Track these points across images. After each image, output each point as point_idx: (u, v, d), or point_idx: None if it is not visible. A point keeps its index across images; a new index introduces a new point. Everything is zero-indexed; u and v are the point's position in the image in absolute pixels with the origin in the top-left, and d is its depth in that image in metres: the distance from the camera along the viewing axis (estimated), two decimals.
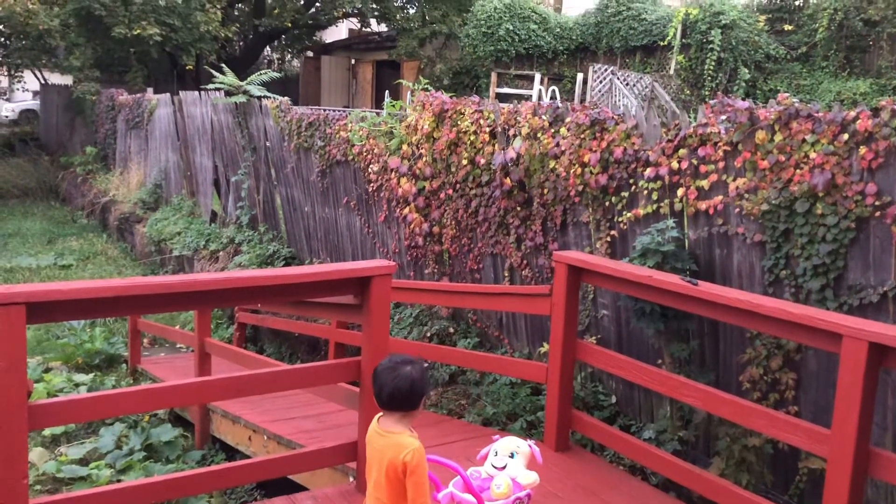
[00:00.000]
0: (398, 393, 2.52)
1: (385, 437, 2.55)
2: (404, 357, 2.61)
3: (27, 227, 16.35)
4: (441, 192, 6.36)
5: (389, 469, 2.50)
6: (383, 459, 2.52)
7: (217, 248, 10.65)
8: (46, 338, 9.31)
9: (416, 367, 2.57)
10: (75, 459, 6.11)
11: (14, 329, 2.84)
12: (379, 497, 2.55)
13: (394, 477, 2.50)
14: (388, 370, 2.55)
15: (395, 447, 2.50)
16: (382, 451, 2.53)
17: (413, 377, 2.53)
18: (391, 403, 2.54)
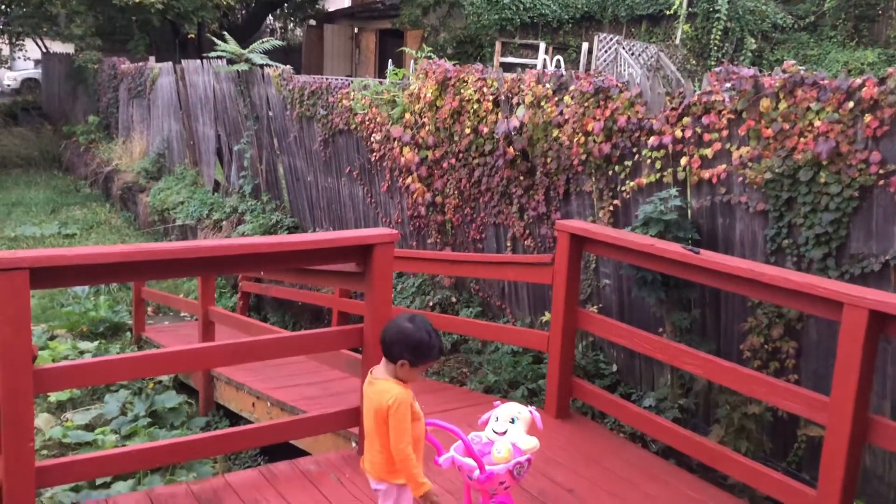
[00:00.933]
0: (384, 339, 2.67)
1: (373, 384, 2.69)
2: (415, 316, 2.73)
3: (31, 196, 16.34)
4: (444, 161, 6.35)
5: (377, 415, 2.62)
6: (370, 406, 2.66)
7: (220, 217, 10.65)
8: (51, 306, 9.36)
9: (415, 323, 2.67)
10: (81, 425, 6.18)
11: (18, 294, 2.86)
12: (371, 443, 2.68)
13: (381, 422, 2.61)
14: (397, 320, 2.70)
15: (380, 394, 2.63)
16: (370, 397, 2.68)
17: (404, 328, 2.64)
18: (382, 349, 2.68)
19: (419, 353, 2.66)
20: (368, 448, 2.72)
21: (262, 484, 3.47)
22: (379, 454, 2.66)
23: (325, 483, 3.49)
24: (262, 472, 3.58)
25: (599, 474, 3.71)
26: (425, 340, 2.67)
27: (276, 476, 3.54)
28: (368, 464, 2.74)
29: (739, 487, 3.81)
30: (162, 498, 3.30)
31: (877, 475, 3.74)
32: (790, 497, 3.25)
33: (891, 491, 3.70)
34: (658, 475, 3.74)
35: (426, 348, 2.67)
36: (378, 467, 2.68)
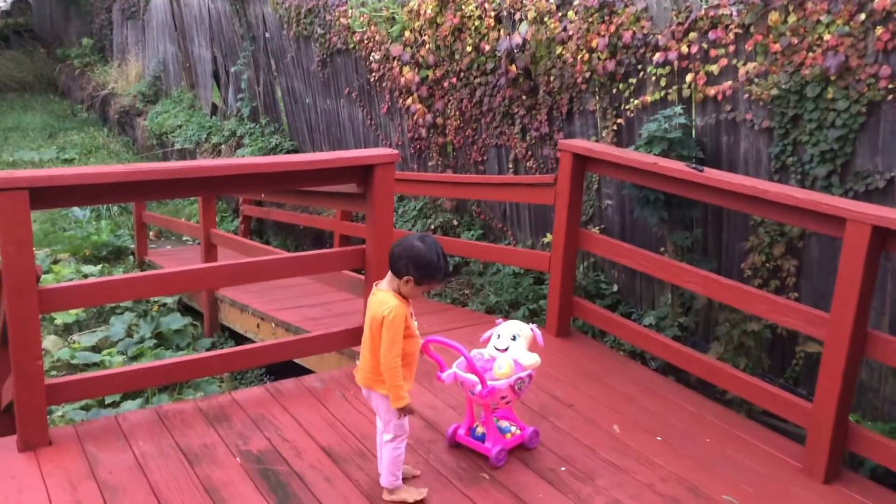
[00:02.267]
0: (393, 253, 2.71)
1: (375, 294, 2.75)
2: (426, 236, 2.76)
3: (27, 121, 16.16)
4: (445, 80, 6.24)
5: (373, 323, 2.69)
6: (369, 314, 2.73)
7: (219, 141, 10.55)
8: (53, 230, 9.38)
9: (425, 242, 2.70)
10: (88, 347, 6.27)
11: (19, 214, 2.86)
12: (364, 351, 2.76)
13: (376, 331, 2.68)
14: (403, 238, 2.74)
15: (379, 304, 2.69)
16: (370, 306, 2.74)
17: (414, 246, 2.68)
18: (389, 262, 2.72)
19: (425, 272, 2.68)
20: (361, 356, 2.80)
21: (269, 400, 3.53)
22: (368, 362, 2.74)
23: (330, 399, 3.56)
24: (268, 390, 3.65)
25: (599, 390, 3.78)
26: (433, 261, 2.69)
27: (282, 393, 3.60)
28: (360, 371, 2.80)
29: (737, 402, 3.88)
30: (171, 414, 3.36)
31: (872, 389, 3.81)
32: (787, 410, 3.31)
33: (885, 404, 3.76)
34: (656, 390, 3.81)
35: (433, 269, 2.69)
36: (366, 374, 2.76)
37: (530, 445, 3.21)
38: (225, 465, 3.00)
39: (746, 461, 3.20)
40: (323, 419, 3.38)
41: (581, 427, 3.41)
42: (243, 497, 2.80)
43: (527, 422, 3.30)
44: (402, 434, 2.78)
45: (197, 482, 2.87)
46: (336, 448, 3.15)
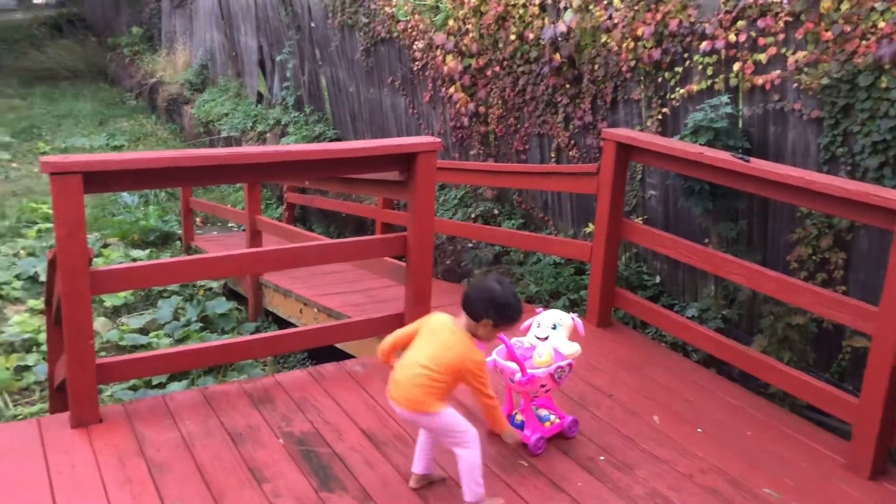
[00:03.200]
0: (470, 296, 2.69)
1: (454, 333, 2.67)
2: (503, 279, 2.76)
3: (79, 108, 16.54)
4: (488, 69, 6.23)
5: (451, 366, 2.62)
6: (441, 347, 2.64)
7: (264, 129, 10.68)
8: (103, 215, 9.61)
9: (502, 285, 2.69)
10: (136, 329, 6.44)
11: (72, 197, 2.94)
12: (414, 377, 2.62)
13: (451, 370, 2.62)
14: (484, 279, 2.74)
15: (460, 345, 2.64)
16: (441, 337, 2.67)
17: (492, 289, 2.67)
18: (464, 305, 2.69)
19: (503, 315, 2.69)
20: (406, 377, 2.63)
21: (311, 383, 3.59)
22: (418, 389, 2.60)
23: (371, 384, 3.60)
24: (310, 373, 3.71)
25: (639, 381, 3.76)
26: (512, 304, 2.70)
27: (323, 376, 3.66)
28: (401, 394, 2.64)
29: (780, 396, 3.83)
30: (216, 395, 3.44)
31: None
32: (832, 405, 3.26)
33: None
34: (698, 382, 3.78)
35: (511, 311, 2.71)
36: (413, 402, 2.62)
37: (569, 434, 3.21)
38: (268, 445, 3.06)
39: (789, 455, 3.16)
40: (364, 403, 3.43)
41: (621, 417, 3.40)
42: (286, 477, 2.86)
43: (566, 411, 3.30)
44: (474, 438, 2.67)
45: (241, 462, 2.94)
46: (376, 432, 3.19)
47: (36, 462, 2.88)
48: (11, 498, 2.68)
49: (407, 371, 2.64)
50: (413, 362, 2.64)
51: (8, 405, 5.37)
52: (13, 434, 3.09)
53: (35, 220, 9.35)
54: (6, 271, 7.63)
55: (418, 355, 2.65)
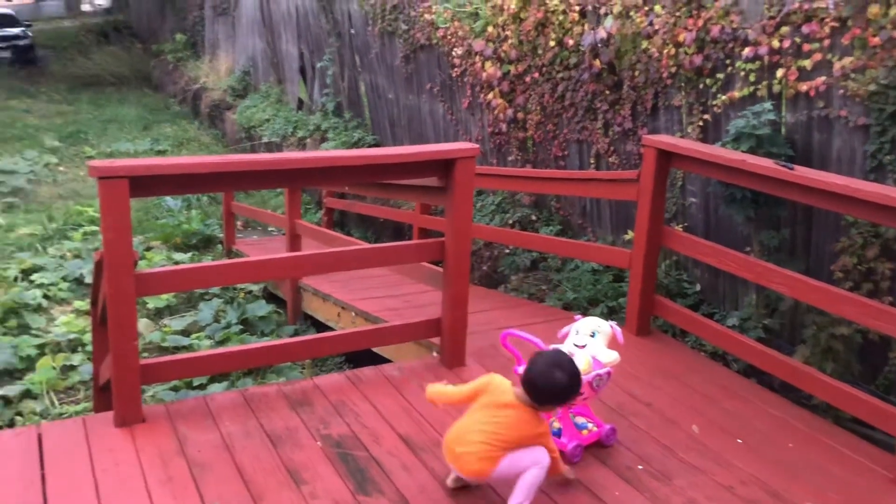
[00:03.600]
0: (536, 384, 2.65)
1: (518, 408, 2.67)
2: (562, 360, 2.70)
3: (124, 113, 16.91)
4: (527, 75, 6.23)
5: (519, 441, 2.65)
6: (511, 422, 2.65)
7: (304, 135, 10.81)
8: (146, 219, 9.80)
9: (564, 376, 2.66)
10: (178, 330, 6.55)
11: (119, 201, 3.01)
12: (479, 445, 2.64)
13: (508, 441, 2.64)
14: (548, 365, 2.67)
15: (528, 430, 2.67)
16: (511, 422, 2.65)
17: (557, 382, 2.65)
18: (528, 388, 2.67)
19: (570, 400, 2.76)
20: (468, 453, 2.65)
21: (348, 387, 3.62)
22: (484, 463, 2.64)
23: (407, 388, 3.61)
24: (348, 377, 3.73)
25: (678, 390, 3.72)
26: (576, 390, 2.72)
27: (361, 380, 3.68)
28: (464, 468, 2.69)
29: (823, 408, 3.75)
30: (255, 397, 3.48)
31: None
32: (879, 418, 3.19)
33: None
34: (738, 392, 3.72)
35: (574, 396, 2.76)
36: (478, 474, 2.67)
37: (607, 443, 3.19)
38: (306, 447, 3.09)
39: (832, 468, 3.10)
40: (401, 407, 3.44)
41: (659, 426, 3.37)
42: (323, 480, 2.88)
43: (604, 419, 3.28)
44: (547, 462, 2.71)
45: (280, 463, 2.98)
46: (413, 437, 3.20)
47: (82, 460, 2.95)
48: (59, 494, 2.74)
49: (468, 447, 2.66)
50: (475, 440, 2.65)
51: (54, 403, 5.50)
52: (60, 432, 3.16)
53: (81, 223, 9.57)
54: (53, 273, 7.82)
55: (479, 430, 2.66)
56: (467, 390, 2.80)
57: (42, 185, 11.89)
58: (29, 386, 5.58)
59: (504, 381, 2.75)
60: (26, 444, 3.04)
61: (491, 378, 2.78)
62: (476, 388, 2.77)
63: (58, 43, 25.75)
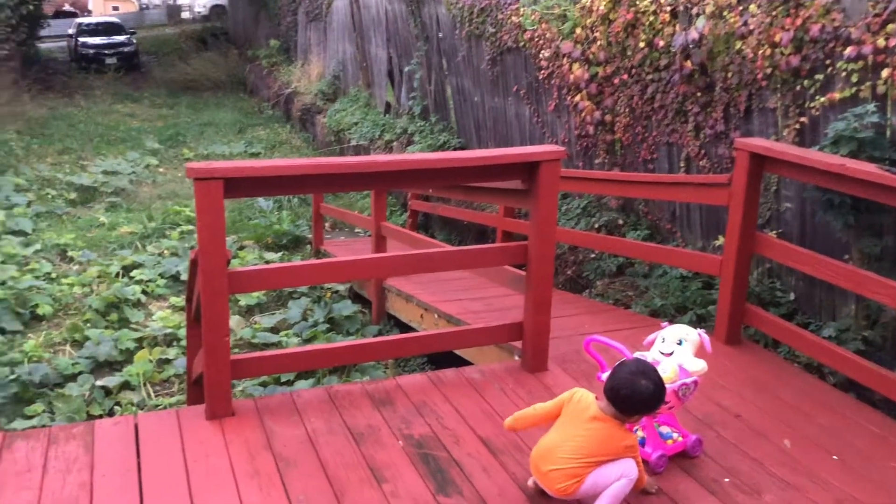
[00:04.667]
0: (620, 394, 2.61)
1: (604, 421, 2.63)
2: (645, 369, 2.66)
3: (220, 117, 17.55)
4: (615, 77, 6.13)
5: (608, 455, 2.62)
6: (597, 435, 2.62)
7: (391, 138, 10.96)
8: (240, 219, 10.14)
9: (648, 377, 2.62)
10: (267, 328, 6.75)
11: (214, 201, 3.12)
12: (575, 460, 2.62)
13: (596, 454, 2.61)
14: (632, 374, 2.63)
15: (617, 444, 2.63)
16: (600, 437, 2.62)
17: (642, 391, 2.60)
18: (612, 398, 2.63)
19: (655, 408, 2.71)
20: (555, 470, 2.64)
21: (430, 388, 3.64)
22: (571, 481, 2.62)
23: (488, 391, 3.62)
24: (430, 378, 3.76)
25: (770, 402, 3.59)
26: (661, 398, 2.67)
27: (442, 381, 3.71)
28: (551, 487, 2.67)
29: None
30: (340, 394, 3.55)
31: None
32: None
33: None
34: (835, 407, 3.56)
35: (660, 405, 2.70)
36: (566, 493, 2.65)
37: (693, 454, 3.11)
38: (388, 446, 3.13)
39: None
40: (481, 410, 3.45)
41: (748, 439, 3.26)
42: (404, 479, 2.91)
43: (690, 429, 3.19)
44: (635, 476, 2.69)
45: (362, 461, 3.02)
46: (493, 439, 3.20)
47: (174, 450, 3.07)
48: (153, 481, 2.87)
49: (555, 464, 2.64)
50: (562, 457, 2.63)
51: (150, 395, 5.75)
52: (156, 423, 3.30)
53: (178, 223, 9.98)
54: (152, 269, 8.19)
55: (565, 447, 2.64)
56: (549, 407, 2.78)
57: (143, 185, 12.47)
58: (127, 377, 5.86)
59: (587, 395, 2.72)
60: (124, 432, 3.19)
61: (573, 392, 2.74)
62: (558, 404, 2.75)
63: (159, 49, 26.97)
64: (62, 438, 3.14)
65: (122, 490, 2.81)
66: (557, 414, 2.74)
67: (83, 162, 13.49)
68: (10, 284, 7.41)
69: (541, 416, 2.80)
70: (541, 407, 2.81)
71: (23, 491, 2.79)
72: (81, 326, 6.76)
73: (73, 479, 2.87)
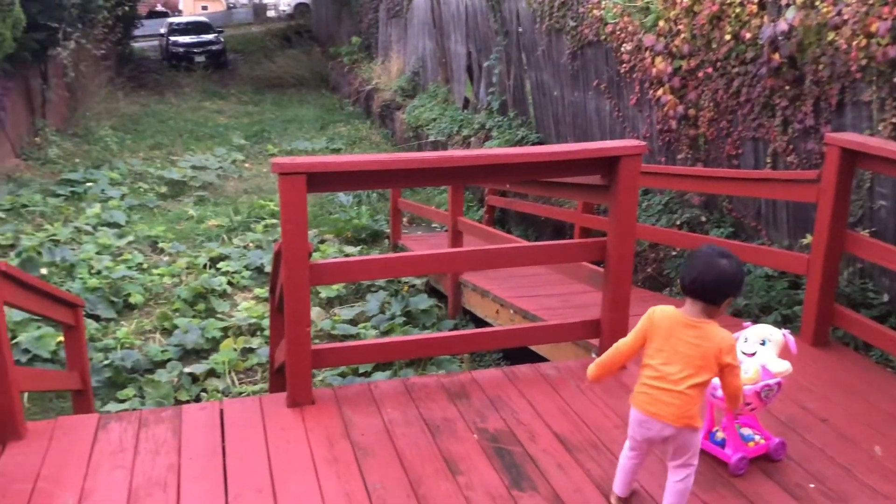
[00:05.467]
0: (704, 282, 2.47)
1: (696, 327, 2.49)
2: (722, 250, 2.51)
3: (303, 113, 17.94)
4: (699, 70, 5.99)
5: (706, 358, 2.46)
6: (695, 350, 2.47)
7: (469, 133, 10.99)
8: (321, 213, 10.36)
9: (731, 263, 2.48)
10: (346, 319, 6.88)
11: (298, 195, 3.21)
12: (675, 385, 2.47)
13: (709, 365, 2.47)
14: (705, 257, 2.50)
15: (715, 339, 2.46)
16: (692, 342, 2.47)
17: (726, 270, 2.46)
18: (696, 293, 2.49)
19: (741, 289, 2.60)
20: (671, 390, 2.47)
21: (505, 382, 3.65)
22: (683, 397, 2.46)
23: (564, 388, 3.60)
24: (505, 373, 3.77)
25: (859, 406, 3.45)
26: (743, 273, 2.57)
27: (517, 377, 3.71)
28: (669, 411, 2.48)
29: None
30: (416, 386, 3.60)
31: None
32: None
33: None
34: None
35: (743, 281, 2.61)
36: (680, 410, 2.46)
37: (775, 457, 3.02)
38: (463, 439, 3.16)
39: None
40: (557, 407, 3.43)
41: (835, 444, 3.14)
42: (479, 472, 2.93)
43: (773, 432, 3.10)
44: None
45: (437, 452, 3.06)
46: (569, 436, 3.19)
47: (257, 435, 3.18)
48: (237, 464, 2.97)
49: (668, 384, 2.48)
50: (671, 371, 2.48)
51: (234, 383, 5.95)
52: (240, 409, 3.42)
53: (263, 216, 10.27)
54: (237, 261, 8.45)
55: (673, 363, 2.48)
56: (632, 340, 2.59)
57: (229, 180, 12.87)
58: (213, 365, 6.08)
59: (666, 307, 2.56)
60: (210, 417, 3.32)
61: (651, 313, 2.57)
62: (641, 332, 2.57)
63: (246, 47, 27.75)
64: (152, 421, 3.29)
65: (208, 472, 2.93)
66: (642, 343, 2.57)
67: (173, 157, 14.02)
68: (105, 274, 7.78)
69: (626, 353, 2.62)
70: (623, 343, 2.63)
71: (116, 470, 2.94)
72: (170, 315, 7.04)
73: (161, 460, 3.00)
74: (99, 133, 14.91)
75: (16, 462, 2.98)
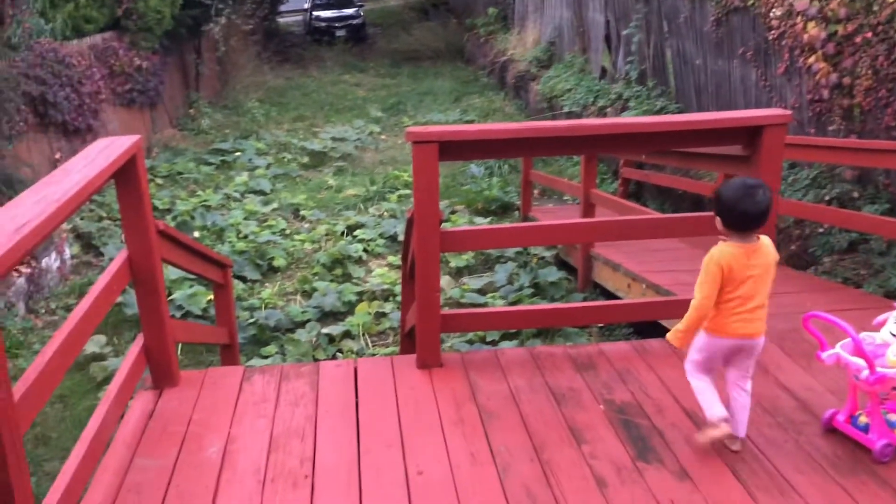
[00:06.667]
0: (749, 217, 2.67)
1: (756, 250, 2.71)
2: (747, 181, 2.72)
3: (438, 86, 18.12)
4: (857, 35, 5.58)
5: (770, 268, 2.74)
6: (760, 268, 2.71)
7: (605, 104, 10.76)
8: (453, 184, 10.49)
9: (762, 187, 2.67)
10: (475, 289, 6.97)
11: (430, 163, 3.28)
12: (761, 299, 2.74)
13: (771, 275, 2.75)
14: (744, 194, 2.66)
15: (767, 253, 2.73)
16: (756, 263, 2.71)
17: (763, 203, 2.65)
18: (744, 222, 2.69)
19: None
20: (758, 309, 2.75)
21: (634, 356, 3.60)
22: (766, 310, 2.76)
23: None
24: (634, 346, 3.72)
25: None
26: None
27: (647, 350, 3.65)
28: (761, 329, 2.78)
29: None
30: (542, 355, 3.62)
31: None
32: None
33: None
34: None
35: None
36: (765, 322, 2.78)
37: None
38: (588, 409, 3.16)
39: None
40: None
41: None
42: (604, 442, 2.93)
43: None
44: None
45: (562, 420, 3.07)
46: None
47: (388, 393, 3.31)
48: (369, 418, 3.11)
49: (757, 304, 2.73)
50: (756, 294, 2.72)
51: (368, 345, 6.18)
52: (372, 368, 3.57)
53: (397, 187, 10.53)
54: (372, 230, 8.74)
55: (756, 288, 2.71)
56: (709, 293, 2.73)
57: (366, 151, 13.25)
58: (348, 327, 6.34)
59: (722, 247, 2.73)
60: (345, 374, 3.48)
61: (718, 261, 2.71)
62: (715, 283, 2.72)
63: (384, 20, 28.26)
64: (293, 376, 3.49)
65: (342, 425, 3.08)
66: (716, 290, 2.73)
67: (314, 129, 14.57)
68: (252, 238, 8.25)
69: (710, 307, 2.77)
70: (701, 301, 2.76)
71: (259, 419, 3.15)
72: (310, 279, 7.39)
73: (300, 411, 3.19)
74: (247, 105, 15.70)
75: (171, 406, 3.25)
